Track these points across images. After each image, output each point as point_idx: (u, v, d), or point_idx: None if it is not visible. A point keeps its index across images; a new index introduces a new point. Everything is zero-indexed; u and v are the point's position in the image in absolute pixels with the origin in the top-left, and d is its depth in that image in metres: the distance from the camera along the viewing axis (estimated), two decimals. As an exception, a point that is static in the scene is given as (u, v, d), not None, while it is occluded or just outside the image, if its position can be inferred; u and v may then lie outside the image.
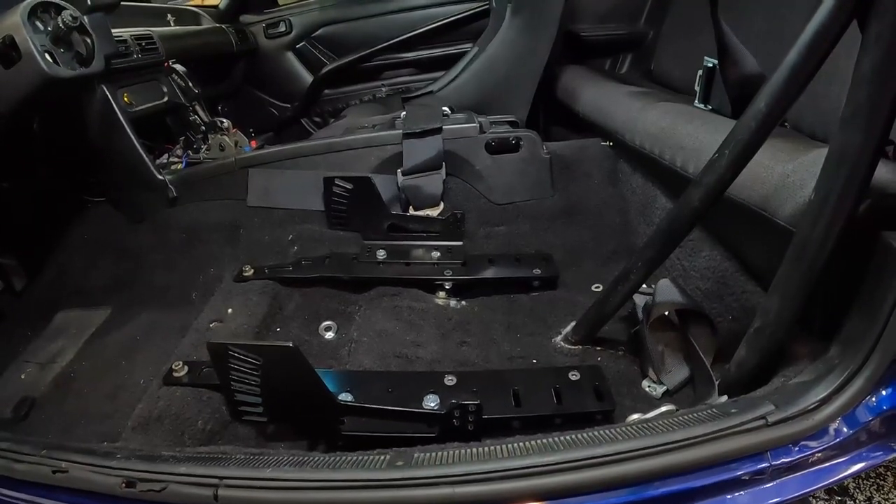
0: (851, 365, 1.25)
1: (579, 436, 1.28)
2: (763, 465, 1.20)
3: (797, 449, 1.22)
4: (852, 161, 1.23)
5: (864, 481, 2.18)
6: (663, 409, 1.47)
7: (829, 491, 2.13)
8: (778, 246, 1.43)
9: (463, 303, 2.36)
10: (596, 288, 2.36)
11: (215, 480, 1.22)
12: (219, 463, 1.35)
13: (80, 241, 2.92)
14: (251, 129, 3.72)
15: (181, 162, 3.03)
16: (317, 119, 4.33)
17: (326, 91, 4.29)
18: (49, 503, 1.34)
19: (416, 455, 1.29)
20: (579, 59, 3.93)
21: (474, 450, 1.28)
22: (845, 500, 2.13)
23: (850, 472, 1.28)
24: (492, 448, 1.27)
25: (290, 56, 4.28)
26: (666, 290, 1.92)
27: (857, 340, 1.29)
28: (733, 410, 1.27)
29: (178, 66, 3.19)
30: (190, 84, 3.19)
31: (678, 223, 1.67)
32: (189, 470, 1.27)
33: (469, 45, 3.82)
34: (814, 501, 2.10)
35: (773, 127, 1.44)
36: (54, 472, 1.31)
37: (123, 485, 1.26)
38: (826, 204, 1.27)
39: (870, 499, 2.13)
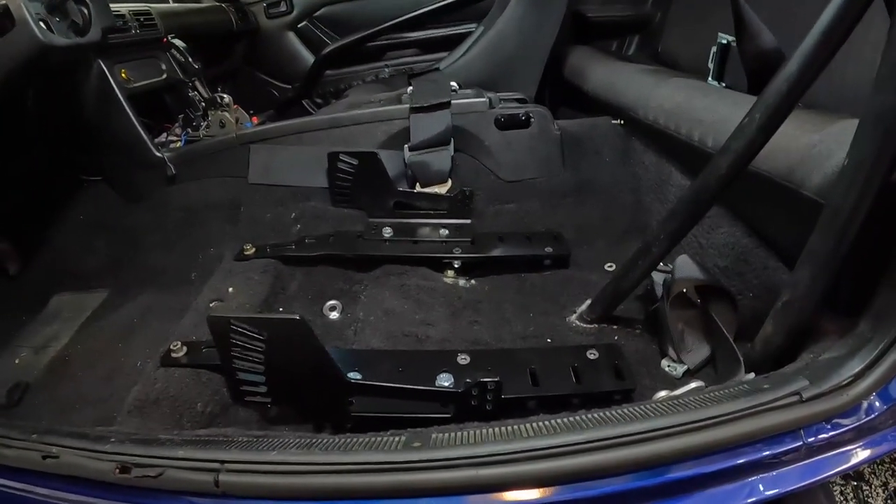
0: (886, 338, 1.20)
1: (607, 413, 1.22)
2: (797, 443, 1.14)
3: (830, 426, 1.17)
4: (888, 124, 1.17)
5: (879, 466, 2.19)
6: (692, 385, 1.42)
7: (845, 476, 2.12)
8: (804, 218, 1.39)
9: (472, 282, 2.31)
10: (609, 267, 2.33)
11: (216, 465, 1.16)
12: (220, 446, 1.30)
13: (76, 222, 2.90)
14: (251, 111, 3.66)
15: (180, 140, 2.98)
16: (318, 100, 4.29)
17: (328, 72, 4.24)
18: (39, 490, 1.28)
19: (433, 435, 1.23)
20: (586, 41, 3.93)
21: (496, 429, 1.22)
22: (861, 486, 2.12)
23: (879, 450, 1.23)
24: (515, 427, 1.21)
25: (292, 36, 4.23)
26: (685, 266, 1.88)
27: (889, 314, 1.25)
28: (766, 386, 1.21)
29: (178, 42, 3.15)
30: (189, 60, 3.15)
31: (705, 192, 1.62)
32: (188, 454, 1.21)
33: (474, 25, 3.78)
34: (830, 486, 2.07)
35: (806, 90, 1.40)
36: (45, 457, 1.26)
37: (117, 470, 1.20)
38: (860, 170, 1.22)
39: (885, 484, 2.15)
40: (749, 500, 1.15)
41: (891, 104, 1.16)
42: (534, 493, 1.10)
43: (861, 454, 1.21)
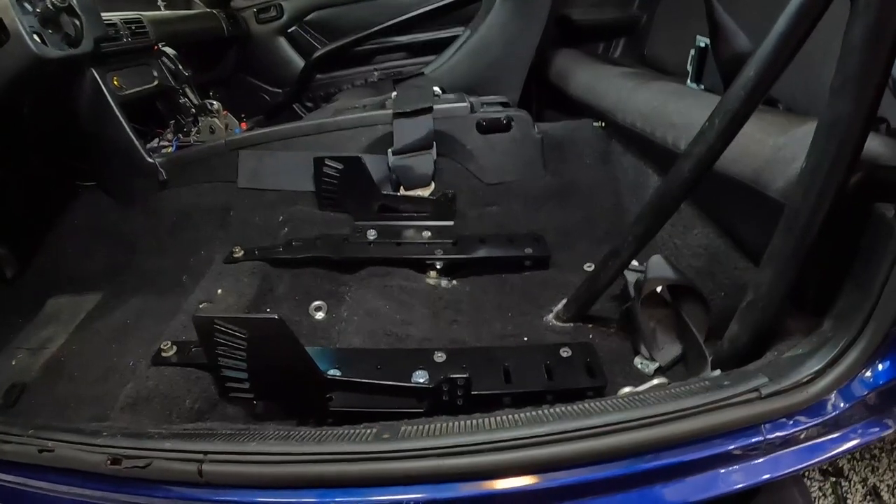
0: (845, 338, 1.24)
1: (569, 408, 1.26)
2: (757, 438, 1.18)
3: (791, 423, 1.20)
4: (843, 131, 1.21)
5: (859, 462, 2.17)
6: (655, 381, 1.46)
7: (824, 472, 2.12)
8: (770, 220, 1.41)
9: (454, 282, 2.34)
10: (588, 268, 2.33)
11: (200, 455, 1.21)
12: (204, 439, 1.34)
13: (72, 227, 2.92)
14: (243, 115, 3.67)
15: (171, 146, 3.01)
16: (309, 104, 4.30)
17: (318, 76, 4.25)
18: (36, 483, 1.32)
19: (402, 428, 1.27)
20: (572, 44, 3.93)
21: (462, 422, 1.26)
22: (840, 482, 2.12)
23: (844, 447, 1.26)
24: (480, 420, 1.25)
25: (282, 41, 4.25)
26: (658, 267, 1.91)
27: (851, 313, 1.27)
28: (726, 383, 1.25)
29: (168, 49, 3.16)
30: (180, 67, 3.16)
31: (668, 196, 1.66)
32: (174, 446, 1.26)
33: (461, 28, 3.77)
34: (809, 483, 2.08)
35: (763, 95, 1.43)
36: (41, 451, 1.30)
37: (109, 462, 1.24)
38: (817, 174, 1.26)
39: (864, 480, 2.12)
40: (712, 493, 1.19)
41: (844, 112, 1.19)
42: (495, 483, 1.14)
43: (826, 450, 1.25)
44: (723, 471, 1.20)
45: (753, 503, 1.38)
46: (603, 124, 2.85)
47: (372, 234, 2.48)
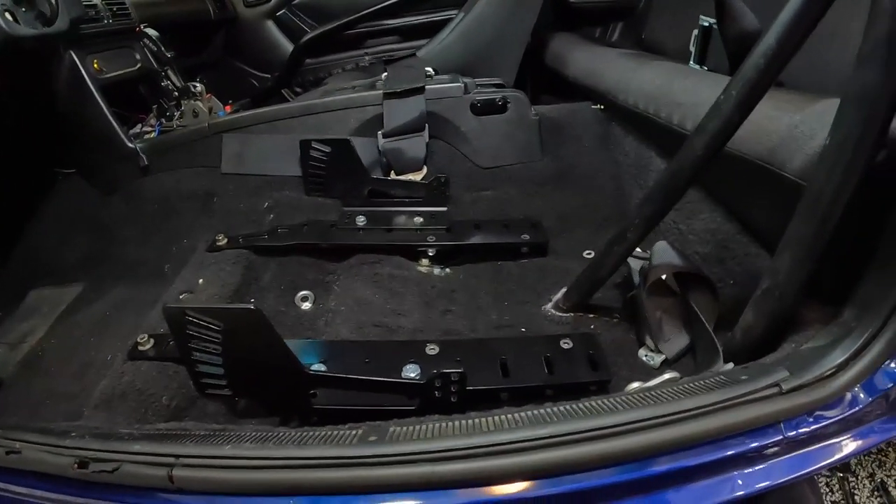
0: (870, 328, 1.17)
1: (574, 406, 1.18)
2: (776, 437, 1.11)
3: (812, 419, 1.13)
4: (871, 102, 1.13)
5: (866, 458, 2.19)
6: (666, 376, 1.38)
7: (831, 467, 2.08)
8: (785, 202, 1.35)
9: (447, 270, 2.29)
10: (588, 254, 2.29)
11: (171, 459, 1.13)
12: (176, 440, 1.27)
13: (51, 215, 2.89)
14: (230, 101, 3.64)
15: (154, 131, 2.95)
16: (298, 90, 4.26)
17: (308, 60, 4.20)
18: (9, 487, 1.25)
19: (391, 429, 1.19)
20: (568, 28, 3.91)
21: (457, 423, 1.18)
22: (847, 477, 2.12)
23: (864, 444, 1.20)
24: (476, 421, 1.17)
25: (271, 24, 4.17)
26: (664, 253, 1.84)
27: (875, 302, 1.20)
28: (743, 377, 1.17)
29: (150, 31, 3.10)
30: (162, 48, 3.10)
31: (680, 175, 1.58)
32: (144, 448, 1.17)
33: (454, 11, 3.72)
34: (816, 478, 2.04)
35: (786, 63, 1.35)
36: (8, 452, 1.23)
37: (76, 465, 1.17)
38: (842, 151, 1.18)
39: (872, 475, 2.15)
40: (728, 497, 1.12)
41: (874, 81, 1.12)
42: (493, 490, 1.06)
43: (846, 448, 1.18)
44: (738, 473, 1.13)
45: (764, 501, 1.30)
46: (602, 107, 2.80)
47: (361, 221, 2.42)
